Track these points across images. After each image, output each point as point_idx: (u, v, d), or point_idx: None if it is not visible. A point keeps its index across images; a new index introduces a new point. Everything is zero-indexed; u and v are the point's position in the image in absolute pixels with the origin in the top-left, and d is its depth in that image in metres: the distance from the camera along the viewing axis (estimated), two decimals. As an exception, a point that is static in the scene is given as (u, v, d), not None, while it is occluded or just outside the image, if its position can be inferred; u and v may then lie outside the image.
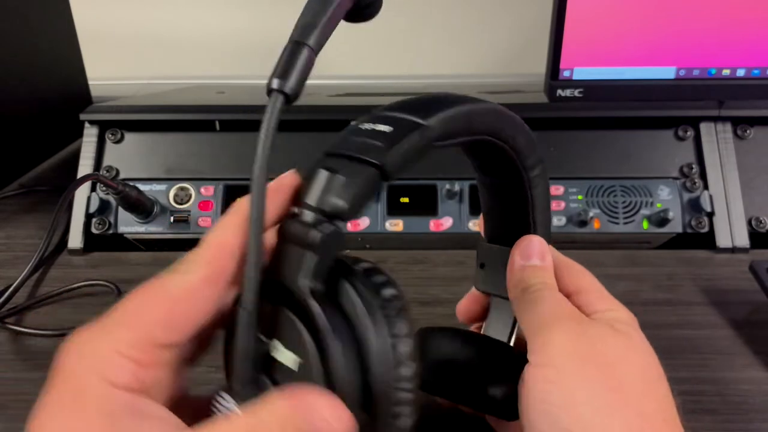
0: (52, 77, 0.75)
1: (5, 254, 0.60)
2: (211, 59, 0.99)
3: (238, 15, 0.96)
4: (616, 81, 0.59)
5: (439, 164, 0.62)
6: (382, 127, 0.24)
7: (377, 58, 0.98)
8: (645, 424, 0.24)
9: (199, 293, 0.21)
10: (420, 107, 0.26)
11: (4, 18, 0.66)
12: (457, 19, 0.96)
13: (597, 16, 0.56)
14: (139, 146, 0.64)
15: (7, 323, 0.49)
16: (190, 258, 0.22)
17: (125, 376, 0.20)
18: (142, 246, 0.63)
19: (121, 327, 0.20)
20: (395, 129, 0.24)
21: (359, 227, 0.60)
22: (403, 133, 0.24)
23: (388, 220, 0.60)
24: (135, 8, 0.95)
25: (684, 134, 0.63)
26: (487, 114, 0.28)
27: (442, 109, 0.26)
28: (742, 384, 0.43)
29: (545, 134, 0.63)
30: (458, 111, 0.26)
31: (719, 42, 0.57)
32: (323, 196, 0.23)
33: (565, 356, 0.25)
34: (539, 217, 0.32)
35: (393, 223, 0.60)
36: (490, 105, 0.28)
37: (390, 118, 0.25)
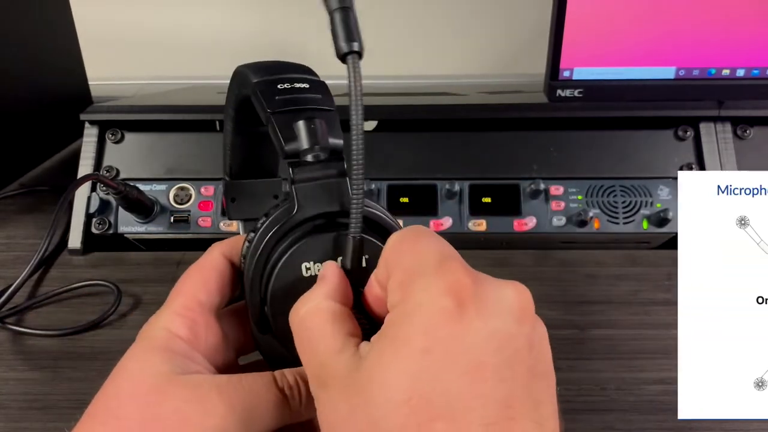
0: (52, 77, 0.75)
1: (5, 254, 0.60)
2: (211, 59, 0.99)
3: (238, 15, 0.97)
4: (616, 81, 0.59)
5: (439, 164, 0.62)
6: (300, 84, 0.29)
7: (377, 59, 0.98)
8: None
9: (218, 263, 0.29)
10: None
11: (4, 18, 0.66)
12: (456, 19, 0.96)
13: (597, 16, 0.56)
14: (139, 146, 0.64)
15: (7, 323, 0.49)
16: (213, 245, 0.30)
17: (183, 329, 0.27)
18: (142, 246, 0.63)
19: (176, 297, 0.28)
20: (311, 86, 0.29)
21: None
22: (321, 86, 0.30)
23: (388, 220, 0.60)
24: (135, 8, 0.95)
25: (684, 134, 0.63)
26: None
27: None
28: (742, 384, 0.43)
29: (545, 134, 0.63)
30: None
31: (719, 42, 0.57)
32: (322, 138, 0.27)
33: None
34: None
35: (393, 223, 0.60)
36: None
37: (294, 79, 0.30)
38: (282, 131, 0.27)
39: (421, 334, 0.20)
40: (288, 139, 0.27)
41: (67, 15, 0.76)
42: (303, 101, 0.28)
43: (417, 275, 0.22)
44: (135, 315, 0.51)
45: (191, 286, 0.28)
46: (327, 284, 0.25)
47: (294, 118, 0.27)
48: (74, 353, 0.47)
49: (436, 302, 0.20)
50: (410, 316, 0.21)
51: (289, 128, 0.27)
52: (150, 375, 0.25)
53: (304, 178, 0.27)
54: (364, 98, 0.26)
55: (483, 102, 0.74)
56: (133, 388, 0.25)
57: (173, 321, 0.27)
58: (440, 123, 0.64)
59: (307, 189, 0.27)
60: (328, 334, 0.23)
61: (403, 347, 0.20)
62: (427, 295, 0.21)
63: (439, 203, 0.60)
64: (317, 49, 1.11)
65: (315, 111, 0.28)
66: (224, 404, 0.24)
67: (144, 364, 0.25)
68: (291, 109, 0.28)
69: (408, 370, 0.20)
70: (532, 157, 0.63)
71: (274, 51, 1.02)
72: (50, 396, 0.43)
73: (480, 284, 0.21)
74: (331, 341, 0.23)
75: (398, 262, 0.23)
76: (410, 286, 0.22)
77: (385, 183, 0.61)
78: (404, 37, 0.97)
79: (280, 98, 0.28)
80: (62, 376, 0.44)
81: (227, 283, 0.29)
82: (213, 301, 0.28)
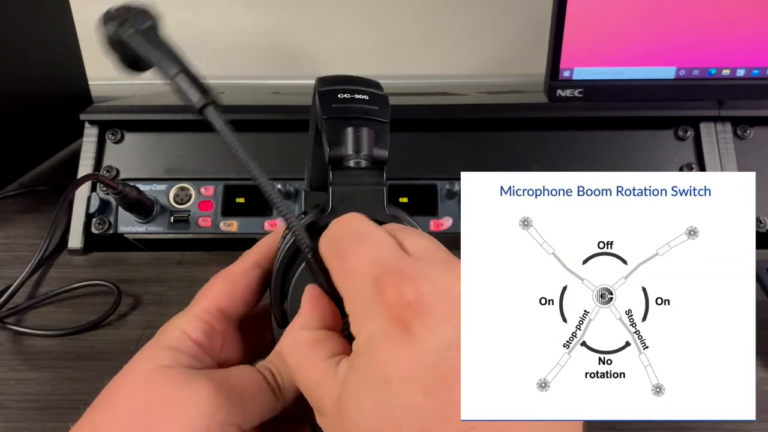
0: (52, 77, 0.75)
1: (5, 254, 0.60)
2: (211, 59, 0.99)
3: (238, 15, 0.97)
4: (616, 81, 0.59)
5: (439, 164, 0.62)
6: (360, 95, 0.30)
7: (377, 59, 0.98)
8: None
9: (250, 272, 0.29)
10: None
11: (4, 18, 0.66)
12: (456, 19, 0.96)
13: (597, 17, 0.56)
14: (139, 146, 0.64)
15: (7, 323, 0.49)
16: (246, 251, 0.30)
17: (197, 332, 0.27)
18: (142, 246, 0.63)
19: (199, 300, 0.28)
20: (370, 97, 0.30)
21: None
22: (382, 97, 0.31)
23: (388, 220, 0.60)
24: (135, 8, 0.95)
25: (684, 134, 0.63)
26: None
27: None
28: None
29: (545, 134, 0.63)
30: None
31: (719, 42, 0.57)
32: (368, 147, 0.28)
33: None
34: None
35: (393, 223, 0.60)
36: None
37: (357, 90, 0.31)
38: (329, 136, 0.28)
39: (379, 365, 0.21)
40: (333, 144, 0.28)
41: (67, 15, 0.76)
42: (357, 111, 0.29)
43: (360, 303, 0.22)
44: (135, 315, 0.51)
45: (216, 291, 0.29)
46: (301, 314, 0.25)
47: (344, 125, 0.28)
48: (74, 353, 0.47)
49: (383, 332, 0.21)
50: (366, 349, 0.21)
51: (336, 134, 0.28)
52: (148, 367, 0.26)
53: (342, 181, 0.28)
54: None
55: (483, 102, 0.74)
56: (130, 379, 0.26)
57: (190, 322, 0.28)
58: (440, 123, 0.64)
59: (344, 192, 0.28)
60: (309, 365, 0.24)
61: (367, 380, 0.21)
62: (373, 327, 0.21)
63: (439, 203, 0.60)
64: (318, 49, 1.11)
65: (366, 121, 0.29)
66: (212, 387, 0.25)
67: (148, 360, 0.26)
68: (343, 117, 0.29)
69: (375, 401, 0.20)
70: (532, 157, 0.63)
71: (275, 51, 1.02)
72: (50, 396, 0.43)
73: (417, 284, 0.21)
74: (313, 373, 0.23)
75: (339, 286, 0.24)
76: (358, 315, 0.22)
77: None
78: (404, 37, 0.97)
79: (336, 106, 0.29)
80: (62, 376, 0.44)
81: (255, 292, 0.29)
82: (235, 309, 0.29)
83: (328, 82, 0.31)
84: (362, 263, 0.23)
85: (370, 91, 0.31)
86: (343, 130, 0.28)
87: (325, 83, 0.31)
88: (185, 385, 0.25)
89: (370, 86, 0.31)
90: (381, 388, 0.20)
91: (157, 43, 0.29)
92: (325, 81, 0.31)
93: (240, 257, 0.30)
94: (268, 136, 0.63)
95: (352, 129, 0.28)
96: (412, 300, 0.21)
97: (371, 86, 0.31)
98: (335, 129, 0.28)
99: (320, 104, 0.29)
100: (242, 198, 0.61)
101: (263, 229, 0.60)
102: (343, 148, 0.28)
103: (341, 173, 0.28)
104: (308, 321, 0.25)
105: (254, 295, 0.29)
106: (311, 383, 0.23)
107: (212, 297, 0.28)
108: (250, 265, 0.29)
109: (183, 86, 0.27)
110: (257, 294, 0.30)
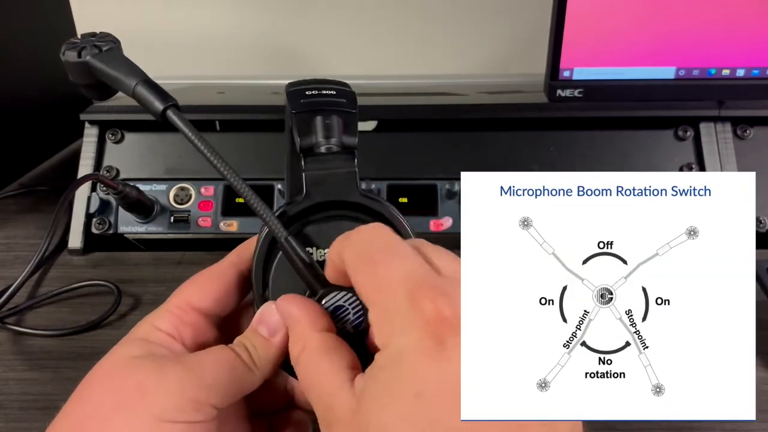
0: (52, 77, 0.75)
1: (5, 254, 0.60)
2: (211, 59, 0.99)
3: (238, 15, 0.97)
4: (616, 81, 0.59)
5: (439, 164, 0.62)
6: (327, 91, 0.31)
7: (376, 59, 0.99)
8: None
9: (224, 272, 0.30)
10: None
11: (4, 18, 0.66)
12: (456, 19, 0.96)
13: (597, 17, 0.56)
14: (139, 146, 0.64)
15: (7, 323, 0.49)
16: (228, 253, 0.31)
17: (165, 324, 0.28)
18: (142, 246, 0.63)
19: (171, 297, 0.29)
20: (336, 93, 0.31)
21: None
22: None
23: (388, 220, 0.60)
24: (135, 8, 0.95)
25: (684, 134, 0.63)
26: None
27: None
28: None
29: (545, 134, 0.63)
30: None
31: (719, 42, 0.57)
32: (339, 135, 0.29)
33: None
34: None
35: (393, 223, 0.60)
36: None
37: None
38: (300, 127, 0.29)
39: (410, 378, 0.20)
40: (303, 134, 0.29)
41: (67, 15, 0.76)
42: (324, 104, 0.30)
43: (392, 315, 0.22)
44: (135, 315, 0.51)
45: (189, 289, 0.29)
46: (301, 322, 0.26)
47: (313, 116, 0.29)
48: (74, 353, 0.47)
49: (417, 345, 0.21)
50: (397, 361, 0.21)
51: (306, 125, 0.29)
52: (119, 358, 0.26)
53: (314, 167, 0.28)
54: (363, 98, 0.27)
55: (483, 102, 0.74)
56: (101, 371, 0.26)
57: (161, 317, 0.28)
58: (440, 123, 0.64)
59: (317, 177, 0.28)
60: (325, 371, 0.23)
61: (396, 393, 0.20)
62: (408, 340, 0.21)
63: (439, 203, 0.60)
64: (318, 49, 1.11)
65: (334, 111, 0.29)
66: (181, 368, 0.25)
67: (119, 352, 0.27)
68: (312, 110, 0.29)
69: (404, 416, 0.20)
70: (532, 157, 0.63)
71: (275, 51, 1.02)
72: (50, 396, 0.43)
73: (453, 300, 0.21)
74: (327, 383, 0.23)
75: (367, 295, 0.23)
76: (388, 326, 0.22)
77: (385, 183, 0.61)
78: (404, 37, 0.97)
79: (304, 101, 0.30)
80: (62, 376, 0.44)
81: (231, 291, 0.30)
82: (207, 306, 0.29)
83: (295, 84, 0.32)
84: (396, 275, 0.22)
85: (337, 88, 0.32)
86: (312, 120, 0.29)
87: (294, 85, 0.32)
88: (155, 370, 0.25)
89: (338, 84, 0.32)
90: (411, 402, 0.20)
91: (117, 61, 0.30)
92: (293, 84, 0.33)
93: (222, 258, 0.31)
94: (268, 136, 0.63)
95: (321, 117, 0.29)
96: (449, 316, 0.20)
97: (339, 84, 0.32)
98: (305, 120, 0.29)
99: (289, 102, 0.30)
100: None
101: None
102: (314, 137, 0.29)
103: (313, 158, 0.29)
104: (311, 327, 0.25)
105: (230, 295, 0.30)
106: (325, 393, 0.23)
107: (184, 294, 0.29)
108: (227, 265, 0.30)
109: (144, 95, 0.29)
110: (235, 294, 0.30)
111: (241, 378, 0.26)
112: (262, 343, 0.27)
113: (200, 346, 0.28)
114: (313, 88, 0.31)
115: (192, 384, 0.25)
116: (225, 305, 0.30)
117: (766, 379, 0.43)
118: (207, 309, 0.29)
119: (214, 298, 0.29)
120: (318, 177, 0.28)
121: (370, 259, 0.23)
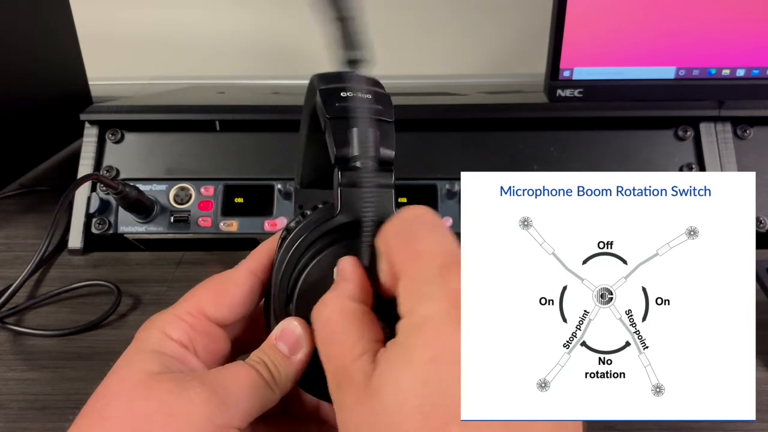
0: (52, 77, 0.75)
1: (5, 254, 0.60)
2: (211, 59, 0.99)
3: (238, 15, 0.97)
4: (616, 81, 0.59)
5: (440, 164, 0.62)
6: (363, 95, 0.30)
7: (376, 59, 0.98)
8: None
9: (241, 280, 0.29)
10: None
11: (4, 18, 0.66)
12: (457, 19, 0.96)
13: (597, 17, 0.56)
14: (139, 146, 0.64)
15: (7, 323, 0.49)
16: (242, 260, 0.30)
17: (178, 332, 0.27)
18: (142, 246, 0.63)
19: (182, 302, 0.28)
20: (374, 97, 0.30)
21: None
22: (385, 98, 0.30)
23: (388, 220, 0.60)
24: (135, 8, 0.95)
25: (684, 134, 0.63)
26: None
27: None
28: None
29: (545, 134, 0.63)
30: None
31: (719, 42, 0.57)
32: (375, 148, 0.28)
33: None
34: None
35: (393, 223, 0.60)
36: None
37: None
38: (336, 136, 0.28)
39: (429, 343, 0.21)
40: (340, 144, 0.28)
41: (67, 15, 0.76)
42: (362, 110, 0.29)
43: (422, 283, 0.22)
44: (135, 315, 0.51)
45: (202, 295, 0.28)
46: (350, 283, 0.25)
47: (350, 125, 0.28)
48: (74, 353, 0.47)
49: (441, 313, 0.21)
50: (419, 327, 0.21)
51: (343, 134, 0.28)
52: (137, 374, 0.25)
53: (349, 182, 0.28)
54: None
55: (483, 102, 0.74)
56: (120, 387, 0.25)
57: (170, 323, 0.27)
58: (440, 123, 0.64)
59: (351, 194, 0.27)
60: (353, 338, 0.23)
61: (413, 356, 0.21)
62: (433, 307, 0.21)
63: (439, 203, 0.60)
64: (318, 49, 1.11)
65: (372, 120, 0.28)
66: (206, 391, 0.24)
67: (133, 366, 0.26)
68: (349, 117, 0.28)
69: (418, 378, 0.20)
70: (532, 157, 0.63)
71: (275, 51, 1.02)
72: (50, 396, 0.43)
73: None
74: (355, 345, 0.23)
75: (401, 266, 0.23)
76: (417, 294, 0.22)
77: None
78: (404, 37, 0.97)
79: (340, 105, 0.29)
80: (62, 376, 0.44)
81: (246, 301, 0.29)
82: (220, 315, 0.28)
83: (328, 80, 0.31)
84: (433, 248, 0.23)
85: (373, 90, 0.30)
86: (348, 129, 0.28)
87: (326, 81, 0.31)
88: (178, 391, 0.24)
89: (372, 84, 0.31)
90: (425, 364, 0.20)
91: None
92: (325, 78, 0.31)
93: (236, 265, 0.30)
94: (268, 136, 0.63)
95: (357, 129, 0.28)
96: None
97: (373, 84, 0.31)
98: (341, 128, 0.28)
99: (323, 103, 0.29)
100: (242, 198, 0.61)
101: (263, 229, 0.60)
102: (350, 149, 0.28)
103: (350, 174, 0.28)
104: (357, 293, 0.25)
105: (245, 304, 0.29)
106: (346, 354, 0.23)
107: (196, 301, 0.28)
108: (244, 272, 0.29)
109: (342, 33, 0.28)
110: (249, 303, 0.29)
111: (263, 397, 0.26)
112: (282, 360, 0.26)
113: (212, 356, 0.28)
114: (348, 88, 0.30)
115: (218, 410, 0.24)
116: (239, 314, 0.29)
117: (766, 379, 0.43)
118: (221, 319, 0.28)
119: (229, 306, 0.28)
120: (354, 194, 0.27)
121: (411, 234, 0.24)
